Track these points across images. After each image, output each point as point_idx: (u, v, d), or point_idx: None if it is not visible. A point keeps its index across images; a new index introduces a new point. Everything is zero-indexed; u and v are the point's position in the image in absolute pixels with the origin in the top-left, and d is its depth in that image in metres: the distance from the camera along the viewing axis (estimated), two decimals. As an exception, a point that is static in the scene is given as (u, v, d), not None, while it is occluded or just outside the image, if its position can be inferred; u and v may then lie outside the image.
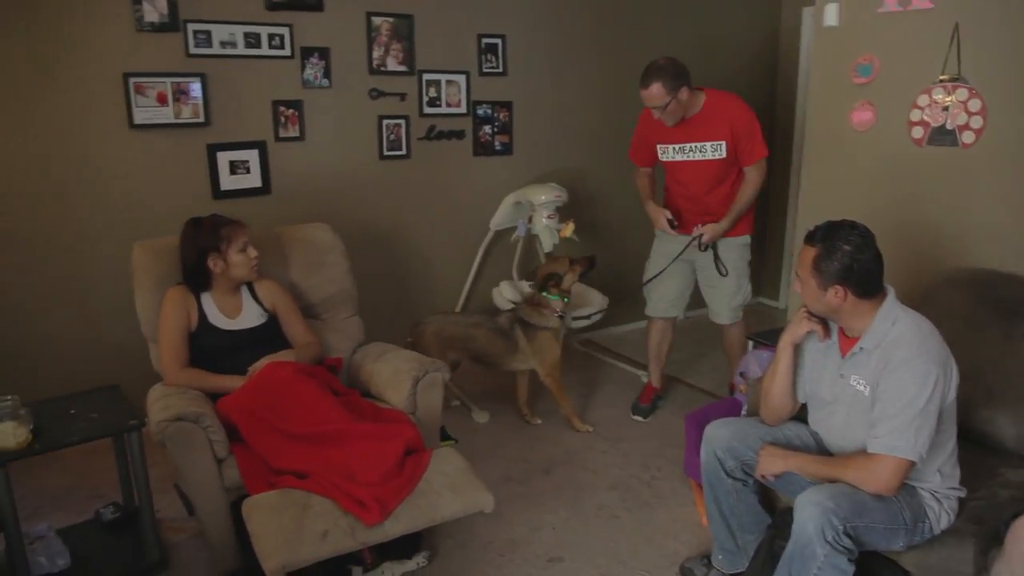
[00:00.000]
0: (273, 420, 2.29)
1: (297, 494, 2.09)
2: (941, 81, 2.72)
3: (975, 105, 2.65)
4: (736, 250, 3.32)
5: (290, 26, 3.35)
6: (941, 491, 1.98)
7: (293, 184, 3.52)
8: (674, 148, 3.20)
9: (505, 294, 3.94)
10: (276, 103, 3.41)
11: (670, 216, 3.28)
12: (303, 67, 3.43)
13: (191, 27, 3.14)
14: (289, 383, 2.39)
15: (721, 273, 3.31)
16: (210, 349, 2.53)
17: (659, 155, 3.28)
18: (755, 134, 3.10)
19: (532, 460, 3.24)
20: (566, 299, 3.45)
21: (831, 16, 3.05)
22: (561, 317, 3.45)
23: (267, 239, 2.82)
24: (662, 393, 3.80)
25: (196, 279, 2.55)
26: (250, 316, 2.63)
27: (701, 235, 3.22)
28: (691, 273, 3.48)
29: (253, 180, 3.41)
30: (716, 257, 3.30)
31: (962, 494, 2.03)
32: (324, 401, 2.37)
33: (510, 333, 3.42)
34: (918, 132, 2.83)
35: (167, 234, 2.67)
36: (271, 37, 3.31)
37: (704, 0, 4.72)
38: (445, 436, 3.16)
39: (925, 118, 2.80)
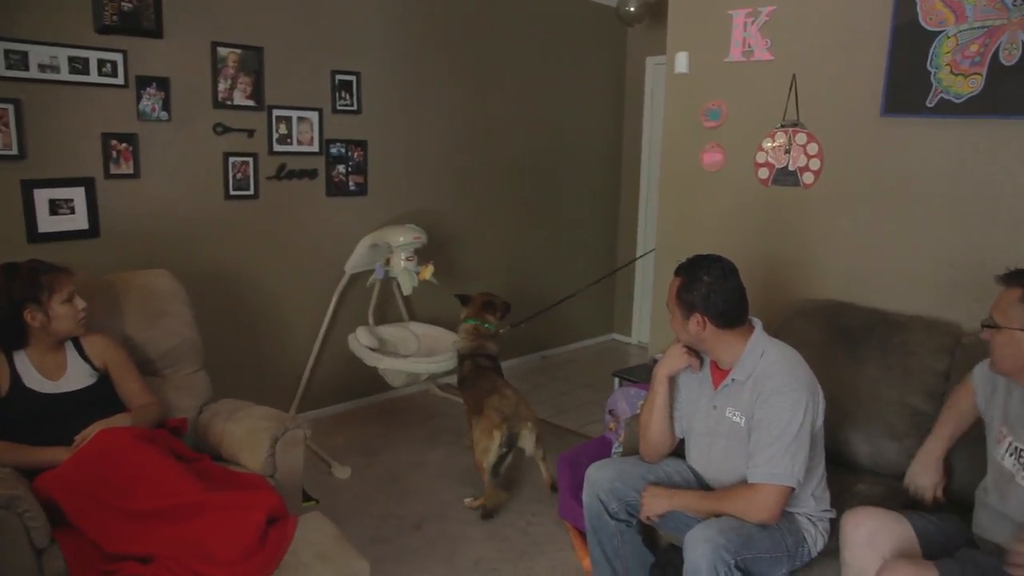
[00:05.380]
0: (107, 496, 1.98)
1: (140, 584, 1.80)
2: (782, 126, 2.91)
3: (813, 149, 2.85)
4: None
5: (124, 52, 3.03)
6: (815, 514, 2.04)
7: (126, 226, 3.16)
8: None
9: (362, 340, 3.77)
10: (107, 136, 3.05)
11: None
12: (139, 98, 3.11)
13: (1, 46, 2.76)
14: (125, 451, 2.08)
15: None
16: (26, 417, 2.17)
17: None
18: None
19: (402, 516, 3.05)
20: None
21: (682, 64, 3.20)
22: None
23: (97, 288, 2.49)
24: None
25: (8, 335, 2.19)
26: (77, 376, 2.28)
27: None
28: None
29: (78, 221, 3.02)
30: None
31: (833, 515, 2.09)
32: (169, 470, 2.08)
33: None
34: (764, 173, 3.00)
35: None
36: (101, 63, 2.98)
37: (556, 46, 4.88)
38: (305, 497, 2.91)
39: (770, 160, 2.97)
